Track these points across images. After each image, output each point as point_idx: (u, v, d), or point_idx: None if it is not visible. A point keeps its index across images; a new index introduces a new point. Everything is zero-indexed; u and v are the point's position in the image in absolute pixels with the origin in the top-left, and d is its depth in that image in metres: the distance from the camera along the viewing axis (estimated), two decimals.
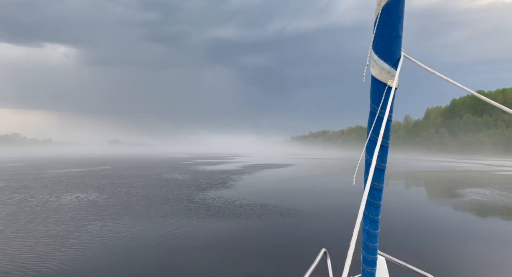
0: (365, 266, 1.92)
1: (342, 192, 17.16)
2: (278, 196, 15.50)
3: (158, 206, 12.84)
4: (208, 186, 18.51)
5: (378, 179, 1.66)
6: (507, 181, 24.43)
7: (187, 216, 11.13)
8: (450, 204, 14.70)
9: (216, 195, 15.61)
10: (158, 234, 8.80)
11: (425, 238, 8.70)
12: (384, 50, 1.47)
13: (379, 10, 1.41)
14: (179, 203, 13.59)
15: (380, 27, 1.44)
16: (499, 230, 10.01)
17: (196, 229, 9.40)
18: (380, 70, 1.49)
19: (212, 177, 23.85)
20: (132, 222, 10.21)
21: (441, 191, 19.89)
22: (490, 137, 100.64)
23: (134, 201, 14.01)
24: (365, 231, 1.81)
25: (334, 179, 25.71)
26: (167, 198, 14.89)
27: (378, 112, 1.53)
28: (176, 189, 17.51)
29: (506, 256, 7.43)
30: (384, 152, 1.60)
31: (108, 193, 16.05)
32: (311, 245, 7.56)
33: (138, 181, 21.40)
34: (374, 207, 1.73)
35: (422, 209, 13.39)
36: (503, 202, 14.78)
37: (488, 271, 6.31)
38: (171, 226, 9.72)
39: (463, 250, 7.84)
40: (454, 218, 11.76)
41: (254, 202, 13.74)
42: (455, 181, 24.80)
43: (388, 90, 1.46)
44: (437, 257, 7.04)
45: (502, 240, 8.81)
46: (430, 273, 2.29)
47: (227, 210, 12.18)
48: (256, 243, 8.07)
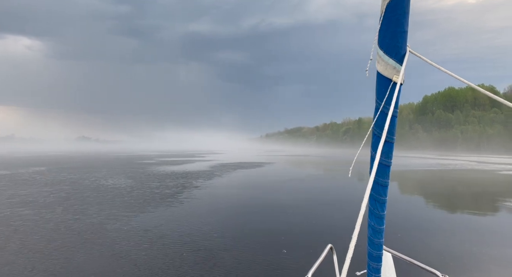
0: (370, 261, 1.93)
1: (351, 203, 12.91)
2: (257, 221, 9.82)
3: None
4: (148, 201, 12.60)
5: (384, 175, 1.63)
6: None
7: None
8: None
9: (148, 223, 9.40)
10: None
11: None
12: (389, 45, 1.44)
13: (384, 6, 1.39)
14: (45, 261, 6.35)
15: (385, 23, 1.41)
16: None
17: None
18: (385, 65, 1.47)
19: (166, 183, 18.93)
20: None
21: (486, 203, 14.08)
22: (463, 133, 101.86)
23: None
24: (370, 227, 1.80)
25: (329, 184, 21.53)
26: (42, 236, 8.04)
27: (382, 107, 1.50)
28: (85, 213, 10.59)
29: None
30: (389, 148, 1.58)
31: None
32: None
33: (48, 192, 16.19)
34: (380, 203, 1.70)
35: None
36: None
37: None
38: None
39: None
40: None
41: (211, 238, 8.04)
42: (479, 186, 21.33)
43: (394, 86, 1.45)
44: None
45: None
46: (436, 269, 2.27)
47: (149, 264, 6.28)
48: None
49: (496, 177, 24.61)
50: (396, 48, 1.44)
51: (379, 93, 1.54)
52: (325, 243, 2.37)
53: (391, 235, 7.95)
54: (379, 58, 1.49)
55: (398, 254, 2.39)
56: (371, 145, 1.61)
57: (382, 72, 1.50)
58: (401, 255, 2.39)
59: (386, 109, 1.47)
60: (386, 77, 1.49)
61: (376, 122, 1.56)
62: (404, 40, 1.44)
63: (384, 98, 1.49)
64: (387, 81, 1.49)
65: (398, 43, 1.44)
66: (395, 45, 1.44)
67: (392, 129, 1.54)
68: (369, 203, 1.74)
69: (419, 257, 2.43)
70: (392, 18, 1.40)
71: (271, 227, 9.13)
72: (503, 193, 16.54)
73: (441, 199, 15.05)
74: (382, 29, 1.44)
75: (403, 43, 1.44)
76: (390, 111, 1.37)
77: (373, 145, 1.60)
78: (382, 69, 1.49)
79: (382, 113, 1.52)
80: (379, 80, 1.54)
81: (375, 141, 1.59)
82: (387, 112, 1.40)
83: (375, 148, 1.55)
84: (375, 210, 1.73)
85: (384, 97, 1.49)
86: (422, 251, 7.06)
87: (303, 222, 9.64)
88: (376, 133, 1.58)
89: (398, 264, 2.36)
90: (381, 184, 1.65)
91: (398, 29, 1.41)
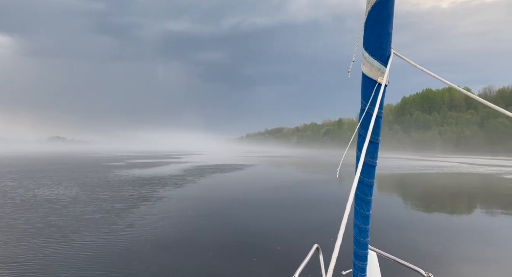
0: (356, 261, 1.95)
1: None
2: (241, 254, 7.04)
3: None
4: (83, 223, 9.13)
5: (369, 175, 1.64)
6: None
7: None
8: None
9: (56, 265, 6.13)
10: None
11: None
12: (374, 47, 1.44)
13: (369, 7, 1.38)
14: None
15: (370, 25, 1.41)
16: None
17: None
18: (370, 67, 1.47)
19: (122, 193, 15.57)
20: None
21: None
22: (441, 134, 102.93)
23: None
24: (356, 227, 1.81)
25: (321, 190, 18.83)
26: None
27: (367, 108, 1.51)
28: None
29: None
30: (375, 148, 1.58)
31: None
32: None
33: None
34: (365, 202, 1.72)
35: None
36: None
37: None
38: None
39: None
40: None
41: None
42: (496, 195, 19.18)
43: (378, 87, 1.45)
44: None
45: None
46: (419, 267, 2.29)
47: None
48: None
49: (503, 183, 22.80)
50: (381, 49, 1.44)
51: (364, 94, 1.54)
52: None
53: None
54: (364, 60, 1.48)
55: (383, 253, 2.42)
56: (356, 145, 1.61)
57: (367, 73, 1.49)
58: (386, 254, 2.42)
59: (371, 110, 1.46)
60: (371, 79, 1.49)
61: (362, 123, 1.56)
62: (388, 42, 1.44)
63: (369, 99, 1.49)
64: (372, 83, 1.49)
65: (383, 44, 1.43)
66: (380, 47, 1.43)
67: (377, 130, 1.55)
68: (355, 202, 1.75)
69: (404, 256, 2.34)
70: (377, 20, 1.39)
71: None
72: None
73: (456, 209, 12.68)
74: (367, 30, 1.43)
75: (388, 45, 1.44)
76: (375, 112, 1.37)
77: (358, 145, 1.60)
78: (367, 71, 1.49)
79: (368, 114, 1.51)
80: (364, 81, 1.53)
81: (360, 141, 1.60)
82: (372, 113, 1.40)
83: (360, 148, 1.56)
84: (360, 209, 1.75)
85: (369, 98, 1.49)
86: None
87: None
88: (361, 133, 1.59)
89: (383, 263, 2.38)
90: (367, 184, 1.67)
91: (383, 31, 1.41)
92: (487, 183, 21.52)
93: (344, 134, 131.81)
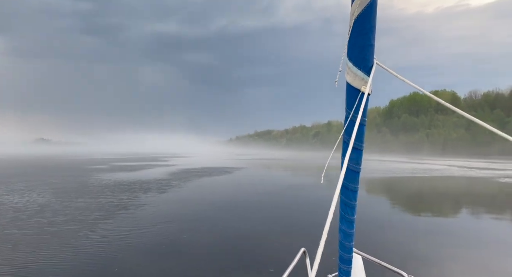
0: (341, 264, 1.98)
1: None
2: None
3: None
4: (46, 238, 7.96)
5: (353, 180, 1.68)
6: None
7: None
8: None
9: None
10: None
11: None
12: (358, 58, 1.49)
13: (352, 20, 1.43)
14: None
15: (354, 36, 1.46)
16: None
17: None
18: (354, 76, 1.51)
19: (101, 199, 14.45)
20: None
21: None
22: (429, 137, 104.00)
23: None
24: (341, 231, 1.84)
25: (318, 197, 18.00)
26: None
27: (351, 116, 1.55)
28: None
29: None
30: (358, 154, 1.62)
31: None
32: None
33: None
34: (350, 207, 1.74)
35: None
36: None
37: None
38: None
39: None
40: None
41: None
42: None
43: (362, 96, 1.49)
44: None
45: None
46: (403, 270, 2.30)
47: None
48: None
49: (499, 187, 22.45)
50: (364, 60, 1.48)
51: (349, 103, 1.58)
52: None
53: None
54: (348, 70, 1.52)
55: (368, 256, 2.45)
56: (341, 151, 1.64)
57: (351, 82, 1.53)
58: (370, 257, 2.45)
59: (355, 117, 1.50)
60: (355, 88, 1.53)
61: (346, 129, 1.61)
62: (371, 53, 1.48)
63: (353, 107, 1.54)
64: (356, 91, 1.52)
65: (366, 55, 1.47)
66: (363, 58, 1.48)
67: (361, 137, 1.59)
68: (340, 207, 1.77)
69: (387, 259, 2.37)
70: (360, 32, 1.43)
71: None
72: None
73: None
74: (350, 42, 1.47)
75: (371, 56, 1.48)
76: (358, 120, 1.42)
77: (343, 151, 1.63)
78: (351, 80, 1.53)
79: (351, 122, 1.55)
80: (348, 90, 1.57)
81: (345, 148, 1.63)
82: (355, 120, 1.45)
83: (344, 154, 1.60)
84: (345, 214, 1.76)
85: (353, 106, 1.53)
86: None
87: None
88: (346, 140, 1.62)
89: (368, 266, 2.40)
90: (351, 189, 1.70)
91: (366, 42, 1.45)
92: (482, 187, 21.13)
93: (334, 137, 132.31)
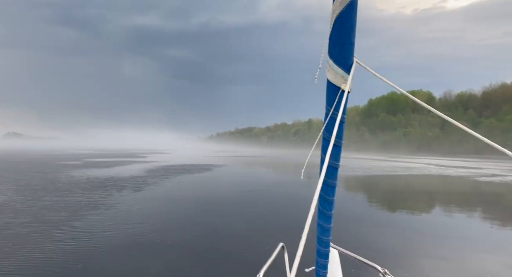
0: (318, 258, 2.02)
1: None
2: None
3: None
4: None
5: (332, 176, 1.72)
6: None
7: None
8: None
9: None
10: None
11: None
12: (338, 56, 1.51)
13: (333, 18, 1.44)
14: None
15: (335, 34, 1.48)
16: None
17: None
18: (334, 74, 1.53)
19: (69, 198, 13.41)
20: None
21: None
22: (405, 136, 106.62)
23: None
24: (319, 226, 1.89)
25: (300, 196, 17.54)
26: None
27: (331, 113, 1.58)
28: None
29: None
30: (338, 151, 1.66)
31: None
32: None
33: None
34: (328, 202, 1.79)
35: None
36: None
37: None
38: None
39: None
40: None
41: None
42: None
43: (342, 94, 1.51)
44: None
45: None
46: (376, 263, 2.39)
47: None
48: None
49: (479, 186, 22.89)
50: (345, 58, 1.50)
51: (329, 100, 1.60)
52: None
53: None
54: (329, 67, 1.54)
55: (344, 251, 2.54)
56: (321, 148, 1.66)
57: (331, 80, 1.55)
58: (346, 252, 2.53)
59: (335, 115, 1.52)
60: (335, 85, 1.54)
61: (326, 127, 1.63)
62: (351, 51, 1.50)
63: (333, 104, 1.56)
64: (336, 89, 1.54)
65: (346, 53, 1.49)
66: (343, 56, 1.50)
67: (340, 134, 1.62)
68: (319, 203, 1.79)
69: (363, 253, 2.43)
70: (341, 30, 1.45)
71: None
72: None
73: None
74: (331, 40, 1.49)
75: (351, 54, 1.51)
76: (339, 117, 1.43)
77: (323, 148, 1.65)
78: (332, 78, 1.55)
79: (332, 119, 1.58)
80: (329, 87, 1.59)
81: (325, 144, 1.65)
82: (335, 118, 1.45)
83: (324, 151, 1.62)
84: (324, 209, 1.81)
85: (333, 103, 1.56)
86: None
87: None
88: (326, 137, 1.65)
89: (344, 260, 2.51)
90: (330, 185, 1.74)
91: (347, 41, 1.47)
92: (461, 186, 21.48)
93: (314, 134, 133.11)
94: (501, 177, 25.11)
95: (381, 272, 2.31)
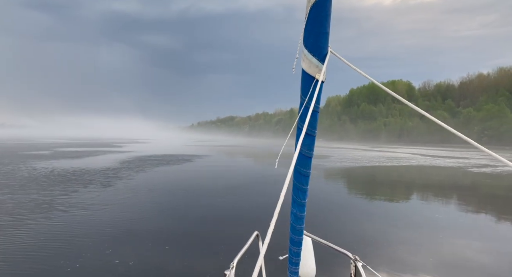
0: (292, 246, 2.03)
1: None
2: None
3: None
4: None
5: (305, 165, 1.72)
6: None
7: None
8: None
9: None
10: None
11: None
12: (313, 45, 1.51)
13: (308, 7, 1.44)
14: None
15: (310, 23, 1.47)
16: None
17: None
18: (309, 64, 1.53)
19: (21, 196, 11.55)
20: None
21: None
22: (386, 125, 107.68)
23: None
24: (293, 214, 1.88)
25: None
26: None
27: (306, 102, 1.58)
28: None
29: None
30: (311, 140, 1.67)
31: None
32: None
33: None
34: (302, 191, 1.79)
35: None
36: None
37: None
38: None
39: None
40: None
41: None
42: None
43: (316, 83, 1.51)
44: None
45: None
46: (347, 250, 2.41)
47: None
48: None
49: (478, 179, 22.20)
50: (319, 48, 1.49)
51: (303, 90, 1.60)
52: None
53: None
54: (304, 57, 1.54)
55: (317, 239, 2.56)
56: (295, 137, 1.66)
57: (306, 69, 1.55)
58: (319, 239, 2.55)
59: (309, 104, 1.51)
60: (310, 75, 1.55)
61: (301, 116, 1.63)
62: (326, 40, 1.49)
63: (307, 94, 1.56)
64: (311, 79, 1.54)
65: (321, 43, 1.49)
66: (318, 45, 1.49)
67: (314, 123, 1.63)
68: (292, 191, 1.82)
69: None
70: (315, 19, 1.44)
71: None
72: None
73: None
74: (306, 29, 1.49)
75: (325, 44, 1.50)
76: (311, 107, 1.43)
77: (297, 137, 1.65)
78: (306, 67, 1.54)
79: (306, 108, 1.56)
80: (303, 77, 1.59)
81: (298, 134, 1.65)
82: (309, 107, 1.45)
83: (297, 140, 1.62)
84: (297, 198, 1.81)
85: (308, 93, 1.55)
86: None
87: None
88: (300, 126, 1.64)
89: (317, 248, 2.51)
90: (303, 174, 1.74)
91: (321, 30, 1.47)
92: (464, 179, 20.76)
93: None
94: (492, 168, 24.69)
95: (352, 259, 2.32)
